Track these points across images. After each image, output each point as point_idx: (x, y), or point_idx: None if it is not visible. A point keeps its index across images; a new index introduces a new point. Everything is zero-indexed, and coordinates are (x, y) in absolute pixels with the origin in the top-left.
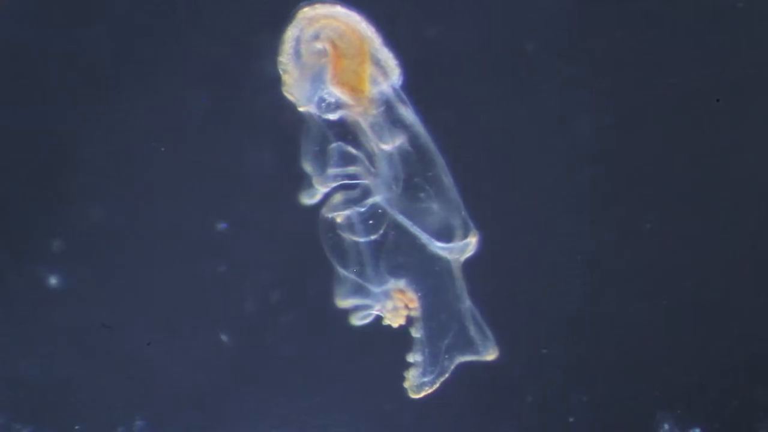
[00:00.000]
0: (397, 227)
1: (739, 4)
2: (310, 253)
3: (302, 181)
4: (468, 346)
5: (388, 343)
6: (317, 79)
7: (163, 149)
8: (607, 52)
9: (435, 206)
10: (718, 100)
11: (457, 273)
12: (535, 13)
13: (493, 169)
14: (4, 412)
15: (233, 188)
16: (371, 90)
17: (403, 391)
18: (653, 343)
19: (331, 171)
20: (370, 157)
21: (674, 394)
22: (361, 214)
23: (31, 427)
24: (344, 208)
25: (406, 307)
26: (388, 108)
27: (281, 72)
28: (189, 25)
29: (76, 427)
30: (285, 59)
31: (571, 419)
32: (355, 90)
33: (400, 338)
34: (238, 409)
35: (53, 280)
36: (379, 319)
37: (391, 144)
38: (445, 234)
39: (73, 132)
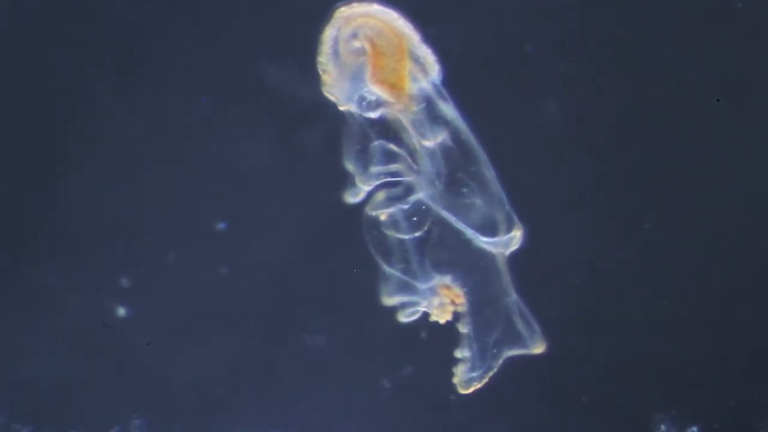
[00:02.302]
0: (441, 223)
1: (738, 4)
2: (311, 253)
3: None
4: (515, 340)
5: (435, 340)
6: (357, 78)
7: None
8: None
9: (478, 201)
10: (718, 100)
11: (503, 267)
12: (574, 8)
13: (534, 163)
14: (4, 412)
15: (233, 188)
16: (411, 87)
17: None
18: (652, 342)
19: (374, 169)
20: (412, 154)
21: (673, 393)
22: (404, 211)
23: (30, 427)
24: (387, 206)
25: (453, 302)
26: (429, 104)
27: (320, 72)
28: (197, 25)
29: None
30: (324, 59)
31: (570, 418)
32: (394, 87)
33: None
34: (236, 409)
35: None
36: (415, 314)
37: (432, 140)
38: (490, 228)
39: (72, 132)
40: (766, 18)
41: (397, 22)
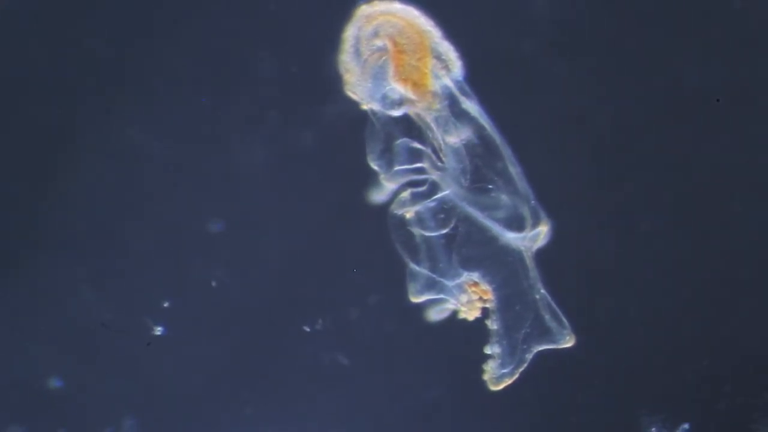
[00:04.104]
0: (468, 220)
1: (737, 4)
2: (311, 253)
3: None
4: (545, 335)
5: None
6: (379, 77)
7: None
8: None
9: (504, 197)
10: (718, 100)
11: (530, 262)
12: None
13: (559, 158)
14: None
15: (231, 188)
16: (433, 84)
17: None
18: (644, 343)
19: (399, 167)
20: (437, 151)
21: (665, 394)
22: (430, 208)
23: (22, 427)
24: (413, 204)
25: (481, 299)
26: (452, 101)
27: (343, 71)
28: (214, 24)
29: (63, 430)
30: (346, 58)
31: (559, 420)
32: (417, 85)
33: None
34: (232, 410)
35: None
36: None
37: (456, 137)
38: (516, 224)
39: (72, 132)
40: (766, 18)
41: (419, 19)
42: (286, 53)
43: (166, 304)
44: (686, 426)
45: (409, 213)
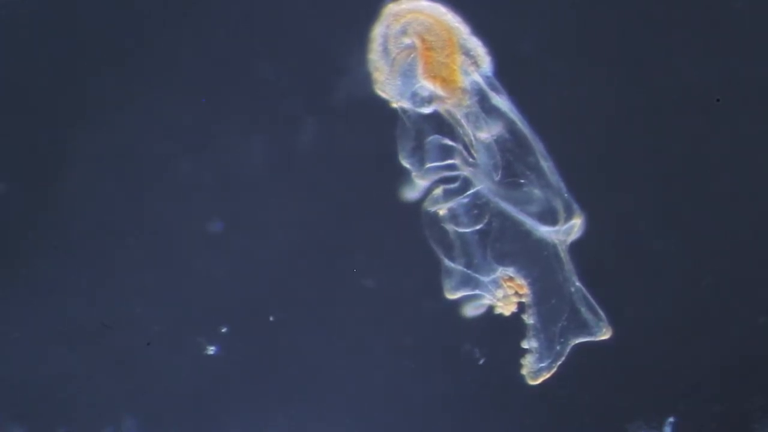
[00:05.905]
0: (501, 215)
1: (738, 4)
2: (311, 252)
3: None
4: (581, 328)
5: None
6: (408, 74)
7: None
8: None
9: (537, 191)
10: (718, 100)
11: (564, 256)
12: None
13: (591, 150)
14: None
15: (230, 188)
16: (463, 80)
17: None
18: (643, 344)
19: (430, 164)
20: (468, 147)
21: (665, 395)
22: (463, 204)
23: (24, 427)
24: (446, 201)
25: (517, 294)
26: (482, 97)
27: (372, 70)
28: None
29: (63, 429)
30: (375, 57)
31: (560, 419)
32: (446, 81)
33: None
34: (231, 410)
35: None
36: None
37: (487, 133)
38: (549, 218)
39: (74, 132)
40: (766, 18)
41: (446, 16)
42: (312, 53)
43: (224, 330)
44: (671, 419)
45: (442, 210)
